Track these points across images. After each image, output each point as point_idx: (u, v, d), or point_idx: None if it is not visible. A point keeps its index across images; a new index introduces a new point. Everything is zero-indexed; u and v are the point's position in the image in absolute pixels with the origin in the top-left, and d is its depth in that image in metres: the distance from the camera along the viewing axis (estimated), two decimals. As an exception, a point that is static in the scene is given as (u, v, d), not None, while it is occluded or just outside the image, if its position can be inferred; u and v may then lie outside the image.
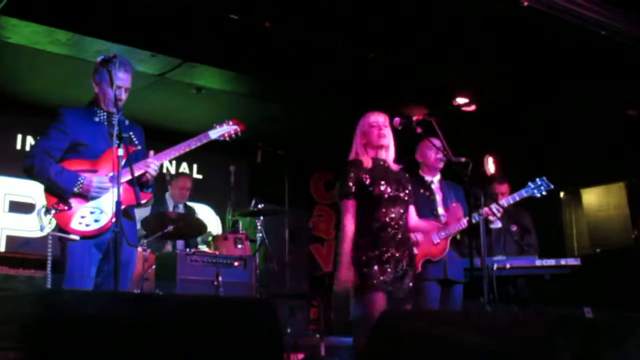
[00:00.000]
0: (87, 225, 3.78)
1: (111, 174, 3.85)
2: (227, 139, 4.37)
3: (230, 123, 4.40)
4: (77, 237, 3.74)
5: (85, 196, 3.80)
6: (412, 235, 4.37)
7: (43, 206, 3.76)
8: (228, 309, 2.89)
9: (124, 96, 4.01)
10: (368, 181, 4.11)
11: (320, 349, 5.94)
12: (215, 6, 5.79)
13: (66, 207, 3.75)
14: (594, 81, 6.96)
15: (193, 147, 4.15)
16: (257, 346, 2.76)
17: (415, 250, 4.71)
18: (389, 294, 3.98)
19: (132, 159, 3.78)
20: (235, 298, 4.68)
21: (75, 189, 3.77)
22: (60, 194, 3.76)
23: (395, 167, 4.29)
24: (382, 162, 4.24)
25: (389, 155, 4.29)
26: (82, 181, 3.78)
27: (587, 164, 7.79)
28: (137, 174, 3.76)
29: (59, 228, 3.74)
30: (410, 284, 4.10)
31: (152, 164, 3.94)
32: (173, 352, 2.54)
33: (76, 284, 3.70)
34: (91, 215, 3.80)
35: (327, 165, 9.75)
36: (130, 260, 3.98)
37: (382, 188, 4.10)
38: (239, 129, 4.41)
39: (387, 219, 4.08)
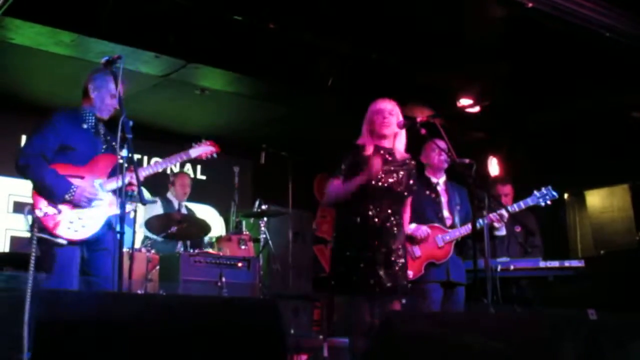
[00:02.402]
0: (75, 231, 3.86)
1: (99, 181, 3.96)
2: (205, 158, 4.55)
3: (208, 143, 4.57)
4: (64, 242, 3.80)
5: (74, 204, 3.87)
6: (410, 249, 4.31)
7: (31, 207, 3.81)
8: (231, 310, 2.89)
9: (116, 105, 4.07)
10: (362, 168, 4.00)
11: (324, 350, 5.92)
12: (219, 7, 5.80)
13: (55, 211, 3.82)
14: (598, 83, 6.94)
15: (174, 163, 4.35)
16: (261, 347, 2.76)
17: (418, 253, 4.71)
18: (376, 294, 3.91)
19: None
20: (238, 299, 4.67)
21: (67, 197, 3.83)
22: (50, 197, 3.83)
23: (400, 157, 4.17)
24: (384, 151, 4.14)
25: (395, 143, 4.19)
26: (74, 190, 3.84)
27: (591, 165, 7.76)
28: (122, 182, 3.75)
29: (46, 231, 3.78)
30: (404, 281, 4.01)
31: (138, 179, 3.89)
32: (176, 353, 2.54)
33: (63, 286, 3.78)
34: (79, 222, 3.88)
35: (331, 166, 9.73)
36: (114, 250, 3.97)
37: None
38: (214, 150, 4.58)
39: (375, 212, 3.97)
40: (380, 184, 4.02)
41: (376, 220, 3.97)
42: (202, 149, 4.51)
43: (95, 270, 3.93)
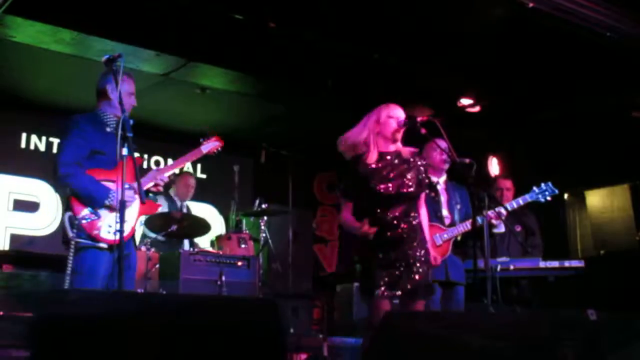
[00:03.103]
0: (115, 233, 3.89)
1: (128, 185, 3.93)
2: (212, 154, 4.74)
3: (214, 139, 4.75)
4: (105, 245, 3.89)
5: (113, 208, 3.93)
6: None
7: (70, 215, 3.86)
8: (231, 309, 2.89)
9: (134, 102, 4.23)
10: (369, 179, 4.06)
11: (323, 349, 5.93)
12: (220, 6, 5.80)
13: (94, 217, 3.88)
14: (598, 82, 6.94)
15: (189, 161, 4.56)
16: (261, 346, 2.76)
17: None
18: (395, 297, 3.94)
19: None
20: (238, 298, 4.68)
21: (107, 202, 3.91)
22: (91, 203, 3.90)
23: (406, 154, 4.19)
24: (390, 156, 4.17)
25: (400, 147, 4.21)
26: (113, 195, 3.91)
27: (591, 165, 7.76)
28: (149, 185, 4.15)
29: (88, 236, 3.85)
30: (422, 282, 4.02)
31: (161, 179, 4.24)
32: (176, 352, 2.54)
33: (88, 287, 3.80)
34: (117, 225, 3.88)
35: (331, 166, 9.74)
36: (135, 263, 4.22)
37: (383, 186, 4.04)
38: (220, 145, 4.76)
39: (390, 219, 4.01)
40: (394, 191, 4.05)
41: (395, 226, 4.01)
42: (212, 144, 4.67)
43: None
